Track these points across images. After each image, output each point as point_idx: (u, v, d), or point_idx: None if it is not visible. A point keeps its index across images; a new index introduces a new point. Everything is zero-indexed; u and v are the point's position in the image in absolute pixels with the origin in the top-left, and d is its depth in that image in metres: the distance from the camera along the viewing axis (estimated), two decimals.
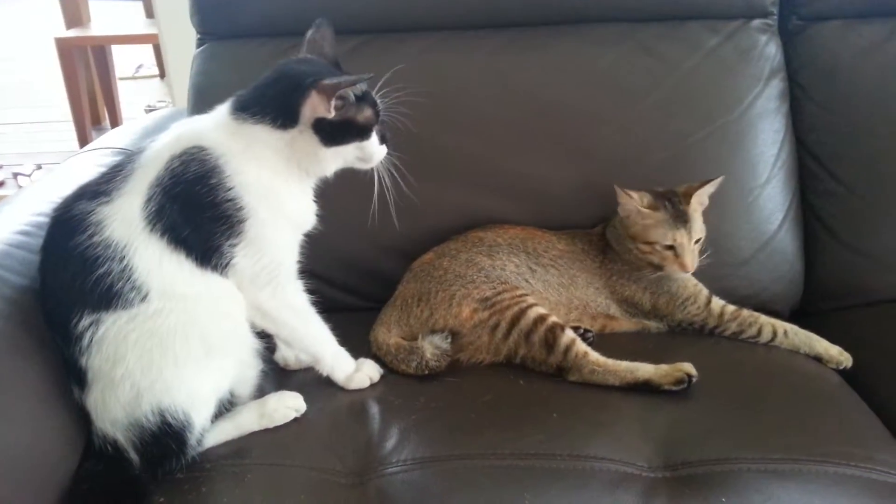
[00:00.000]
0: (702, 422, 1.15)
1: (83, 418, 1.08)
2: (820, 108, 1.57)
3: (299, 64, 1.17)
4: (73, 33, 3.52)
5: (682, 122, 1.51)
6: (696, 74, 1.52)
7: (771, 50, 1.56)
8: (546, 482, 1.04)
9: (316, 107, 1.10)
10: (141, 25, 3.52)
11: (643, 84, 1.52)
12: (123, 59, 4.39)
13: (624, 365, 1.23)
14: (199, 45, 1.65)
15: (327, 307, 1.25)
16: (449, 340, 1.29)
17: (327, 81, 1.09)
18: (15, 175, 3.49)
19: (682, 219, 1.35)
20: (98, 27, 3.62)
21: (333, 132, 1.12)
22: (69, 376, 1.07)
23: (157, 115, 1.91)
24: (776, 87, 1.55)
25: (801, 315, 1.53)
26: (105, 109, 3.90)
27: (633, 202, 1.35)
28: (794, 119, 1.57)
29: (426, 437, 1.13)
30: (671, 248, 1.35)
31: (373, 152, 1.17)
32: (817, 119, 1.57)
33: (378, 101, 1.16)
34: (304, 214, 1.19)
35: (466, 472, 1.06)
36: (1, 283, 1.12)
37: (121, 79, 4.09)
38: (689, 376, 1.20)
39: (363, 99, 1.13)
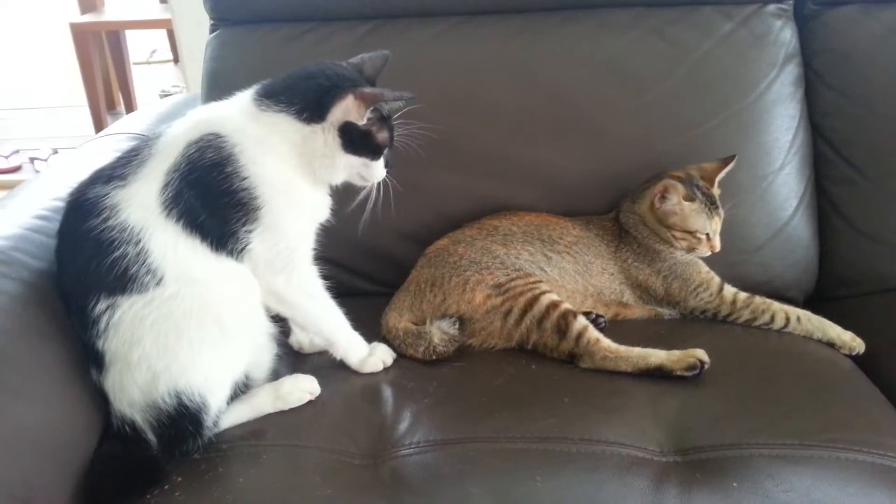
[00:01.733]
0: (714, 407, 1.16)
1: (102, 399, 1.10)
2: (835, 94, 1.55)
3: (339, 67, 1.17)
4: (87, 18, 3.54)
5: (696, 108, 1.50)
6: (710, 60, 1.51)
7: (786, 35, 1.54)
8: (557, 465, 1.05)
9: (349, 111, 1.11)
10: (155, 10, 3.53)
11: (656, 70, 1.51)
12: (137, 44, 4.40)
13: (636, 351, 1.23)
14: (212, 31, 1.65)
15: (341, 292, 1.26)
16: (457, 326, 1.29)
17: (368, 90, 1.11)
18: (32, 160, 3.51)
19: (714, 204, 1.38)
20: (112, 12, 3.63)
21: (354, 140, 1.13)
22: (87, 358, 1.09)
23: (172, 101, 1.92)
24: (791, 72, 1.53)
25: (815, 301, 1.53)
26: (120, 94, 3.91)
27: (678, 193, 1.36)
28: (809, 105, 1.56)
29: (439, 419, 1.14)
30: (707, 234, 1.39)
31: (374, 173, 1.19)
32: (832, 105, 1.56)
33: (394, 127, 1.18)
34: (317, 208, 1.20)
35: (478, 454, 1.07)
36: (19, 266, 1.13)
37: (135, 63, 4.10)
38: (702, 362, 1.20)
39: (386, 120, 1.15)
